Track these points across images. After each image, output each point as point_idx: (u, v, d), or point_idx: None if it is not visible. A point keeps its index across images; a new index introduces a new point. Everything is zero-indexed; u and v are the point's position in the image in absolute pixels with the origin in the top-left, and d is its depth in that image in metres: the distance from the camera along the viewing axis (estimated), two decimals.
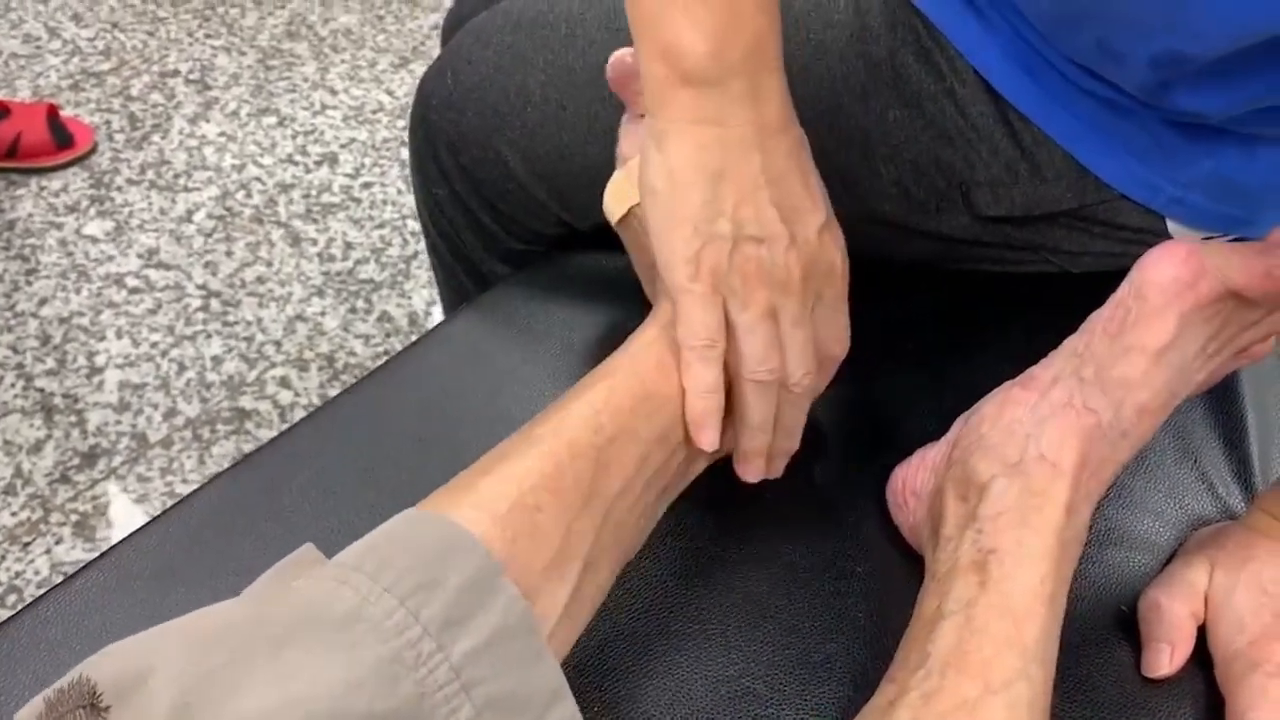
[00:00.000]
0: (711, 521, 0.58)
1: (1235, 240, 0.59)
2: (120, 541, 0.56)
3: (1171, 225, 0.62)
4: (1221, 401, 0.68)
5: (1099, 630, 0.56)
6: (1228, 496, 0.63)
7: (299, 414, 1.27)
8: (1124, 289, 0.52)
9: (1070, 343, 0.53)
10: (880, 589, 0.56)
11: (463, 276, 0.82)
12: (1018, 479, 0.50)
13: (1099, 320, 0.52)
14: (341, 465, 0.60)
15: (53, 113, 1.53)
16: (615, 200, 0.58)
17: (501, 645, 0.39)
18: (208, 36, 1.79)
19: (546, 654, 0.40)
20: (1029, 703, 0.43)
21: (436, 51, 1.69)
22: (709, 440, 0.50)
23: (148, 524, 0.57)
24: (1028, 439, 0.51)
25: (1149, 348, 0.50)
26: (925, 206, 0.64)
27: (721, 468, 0.54)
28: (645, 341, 0.52)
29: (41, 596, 0.54)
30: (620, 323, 0.65)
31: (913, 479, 0.57)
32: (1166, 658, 0.54)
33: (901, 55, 0.61)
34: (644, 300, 0.59)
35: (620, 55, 0.56)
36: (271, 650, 0.36)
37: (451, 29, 0.89)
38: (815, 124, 0.60)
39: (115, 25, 1.79)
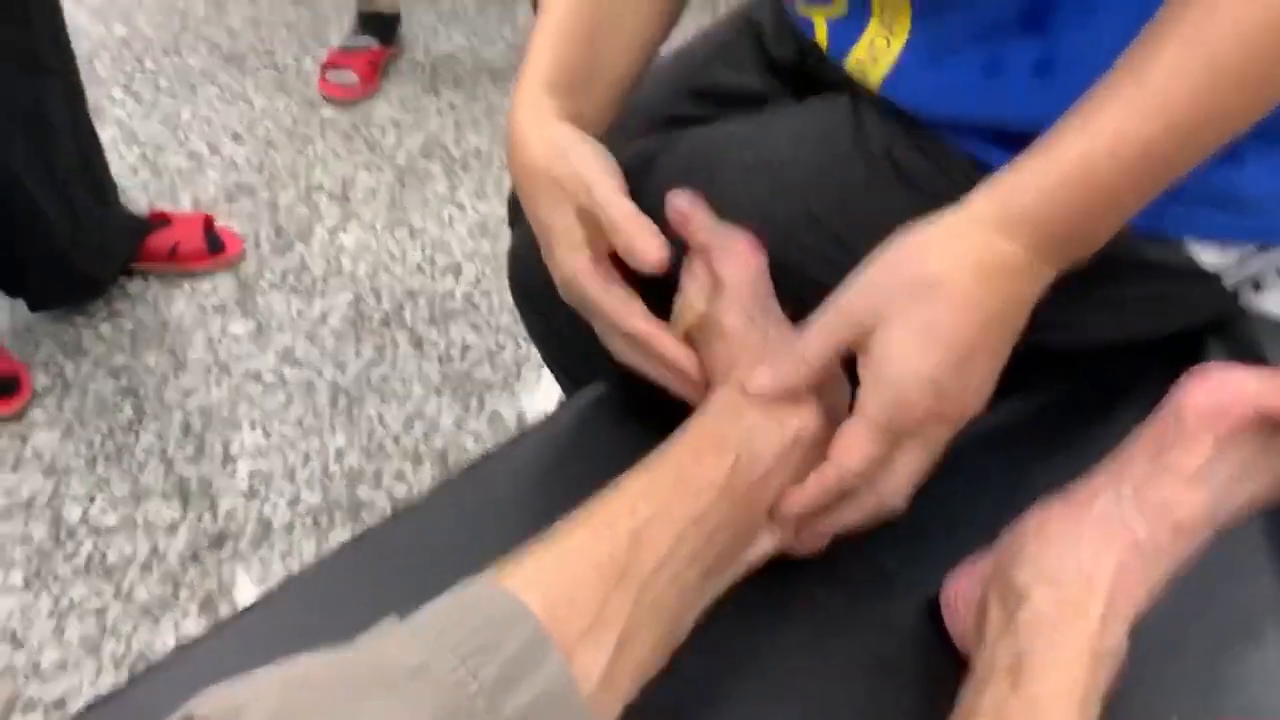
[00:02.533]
0: (761, 609, 0.62)
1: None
2: (238, 613, 0.63)
3: (1193, 247, 0.65)
4: None
5: None
6: None
7: None
8: (1163, 409, 0.54)
9: (1111, 461, 0.56)
10: (927, 688, 0.58)
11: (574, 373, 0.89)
12: (1054, 589, 0.52)
13: (1138, 441, 0.55)
14: (443, 548, 0.66)
15: (208, 223, 1.68)
16: (675, 324, 0.65)
17: (547, 705, 0.44)
18: (351, 154, 1.94)
19: (585, 715, 0.45)
20: None
21: None
22: None
23: (261, 599, 0.63)
24: (1067, 552, 0.53)
25: (1185, 469, 0.52)
26: None
27: (775, 560, 0.58)
28: (684, 437, 0.57)
29: (164, 658, 0.60)
30: None
31: (964, 588, 0.60)
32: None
33: (899, 148, 0.67)
34: None
35: (673, 199, 0.63)
36: (351, 695, 0.42)
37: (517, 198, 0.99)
38: (832, 217, 0.66)
39: (270, 144, 1.95)
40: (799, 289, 0.71)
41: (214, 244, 1.68)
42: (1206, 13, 0.49)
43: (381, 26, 2.14)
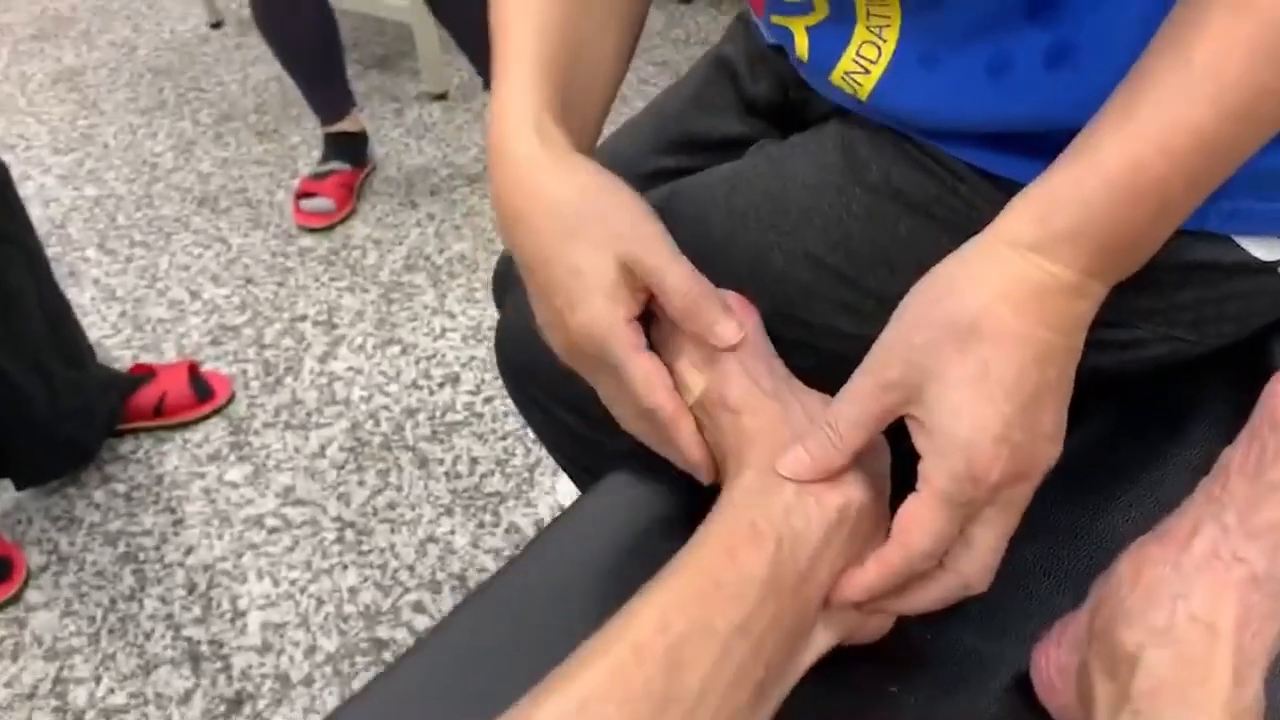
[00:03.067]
0: (836, 702, 0.53)
1: None
2: None
3: (1245, 241, 0.57)
4: None
5: None
6: None
7: None
8: (1255, 422, 0.46)
9: (1205, 487, 0.48)
10: None
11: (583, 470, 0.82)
12: (1170, 647, 0.44)
13: (1234, 458, 0.47)
14: (468, 678, 0.58)
15: (194, 370, 1.62)
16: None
17: None
18: (333, 279, 1.89)
19: None
20: None
21: None
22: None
23: None
24: (1175, 600, 0.45)
25: None
26: None
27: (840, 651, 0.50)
28: (712, 530, 0.49)
29: None
30: None
31: (1056, 657, 0.51)
32: None
33: (895, 171, 0.60)
34: None
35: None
36: None
37: (502, 274, 0.92)
38: (832, 257, 0.59)
39: (249, 281, 1.91)
40: (807, 335, 0.63)
41: (202, 391, 1.61)
42: None
43: (350, 148, 2.10)
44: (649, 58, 2.44)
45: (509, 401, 1.58)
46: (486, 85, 2.11)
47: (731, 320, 0.54)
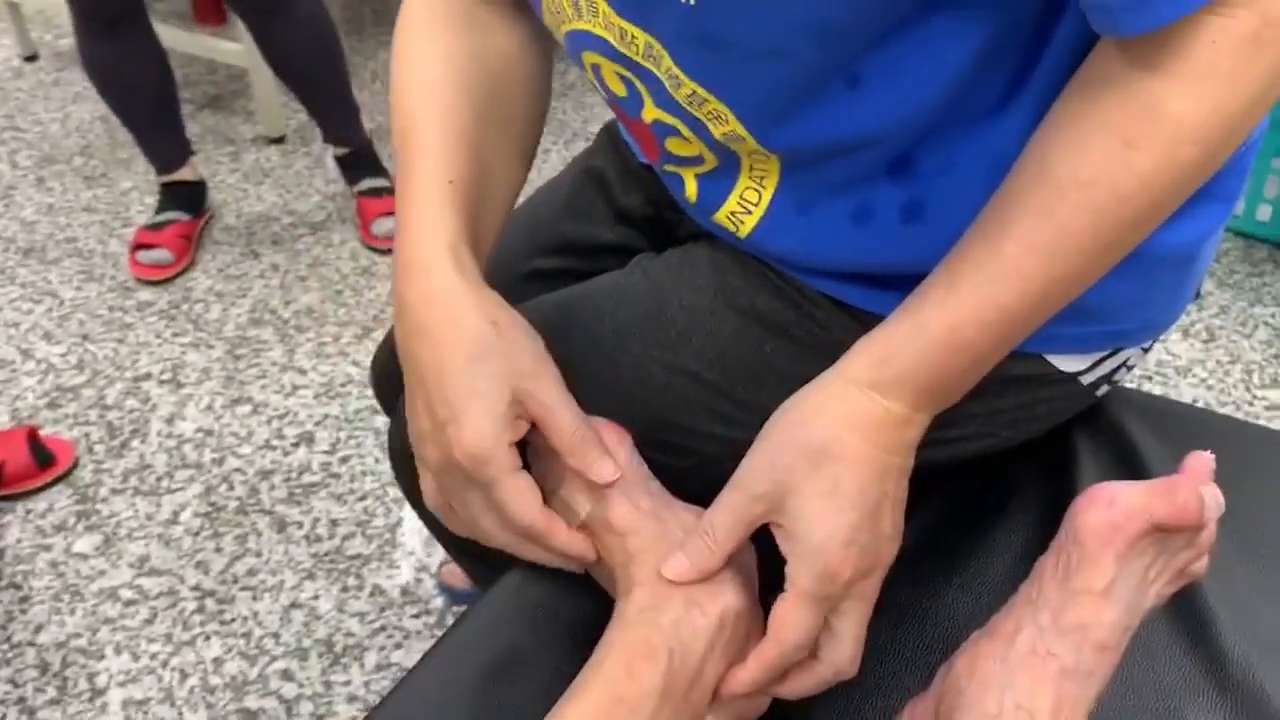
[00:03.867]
0: None
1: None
2: None
3: (1053, 358, 0.69)
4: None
5: None
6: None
7: (304, 706, 1.27)
8: (1062, 536, 0.56)
9: (1024, 590, 0.57)
10: None
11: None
12: None
13: (1045, 566, 0.56)
14: None
15: (33, 435, 1.58)
16: None
17: None
18: (175, 335, 1.86)
19: None
20: None
21: None
22: None
23: None
24: (1003, 691, 0.54)
25: (1095, 589, 0.54)
26: None
27: None
28: (610, 650, 0.56)
29: None
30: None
31: None
32: None
33: (761, 297, 0.70)
34: None
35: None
36: None
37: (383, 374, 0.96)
38: (708, 373, 0.67)
39: (86, 337, 1.86)
40: (687, 439, 0.71)
41: (42, 458, 1.57)
42: (1057, 194, 0.52)
43: (188, 197, 2.07)
44: None
45: (366, 460, 1.61)
46: (326, 137, 2.11)
47: (608, 461, 0.61)
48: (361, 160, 2.10)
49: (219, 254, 2.06)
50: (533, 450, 0.65)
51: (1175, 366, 1.69)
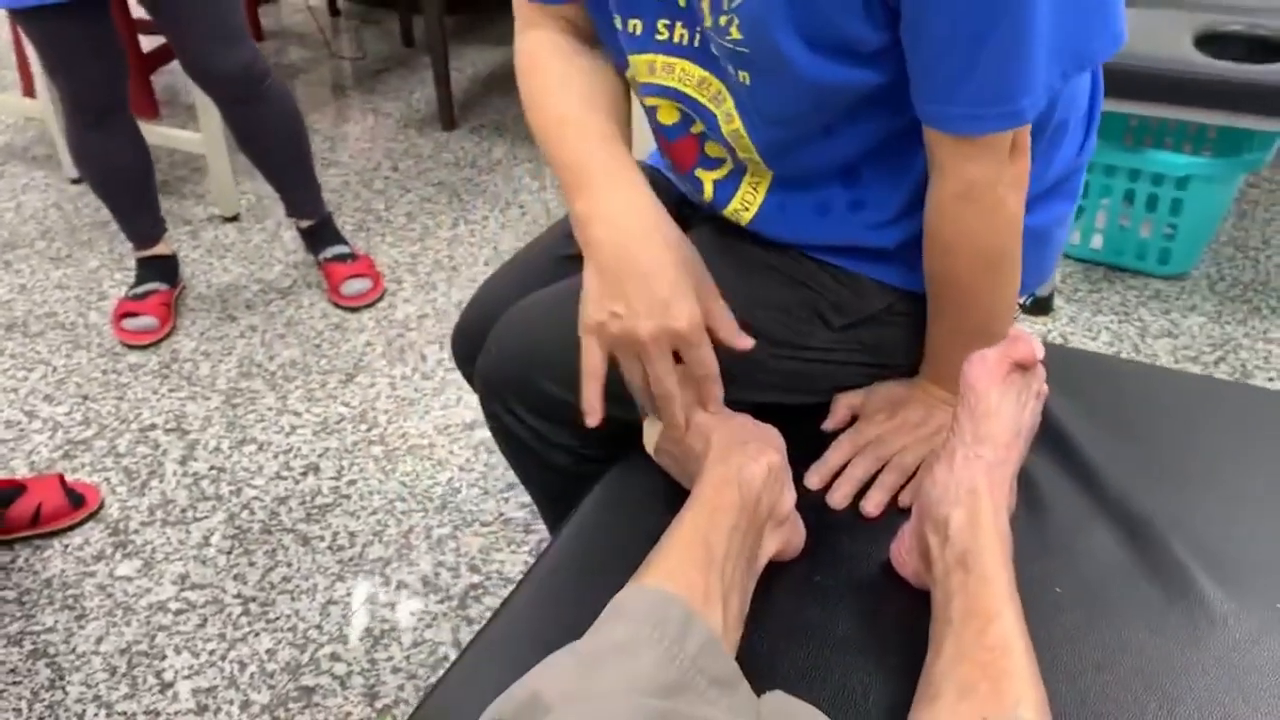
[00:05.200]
0: (784, 594, 0.88)
1: None
2: None
3: None
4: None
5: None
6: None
7: (355, 680, 1.48)
8: (962, 389, 0.88)
9: (953, 429, 0.88)
10: (904, 615, 0.86)
11: (549, 480, 1.14)
12: (961, 509, 0.83)
13: (960, 410, 0.89)
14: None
15: (62, 480, 1.75)
16: (649, 441, 0.96)
17: (708, 648, 0.70)
18: (171, 391, 2.05)
19: (728, 655, 0.71)
20: (1017, 622, 0.75)
21: (376, 364, 2.02)
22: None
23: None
24: (956, 485, 0.84)
25: (989, 411, 0.86)
26: (799, 330, 1.01)
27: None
28: (705, 481, 0.86)
29: None
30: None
31: (901, 545, 0.90)
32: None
33: (754, 251, 1.03)
34: None
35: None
36: (597, 664, 0.67)
37: (481, 308, 1.23)
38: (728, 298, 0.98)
39: (85, 397, 2.03)
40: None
41: (74, 499, 1.74)
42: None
43: (164, 269, 2.27)
44: (426, 179, 2.76)
45: (370, 482, 1.83)
46: (290, 211, 2.34)
47: (747, 338, 0.93)
48: (325, 231, 2.34)
49: (198, 319, 2.25)
50: (635, 387, 0.93)
51: None
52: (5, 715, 1.45)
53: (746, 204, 1.00)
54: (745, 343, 0.91)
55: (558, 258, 1.16)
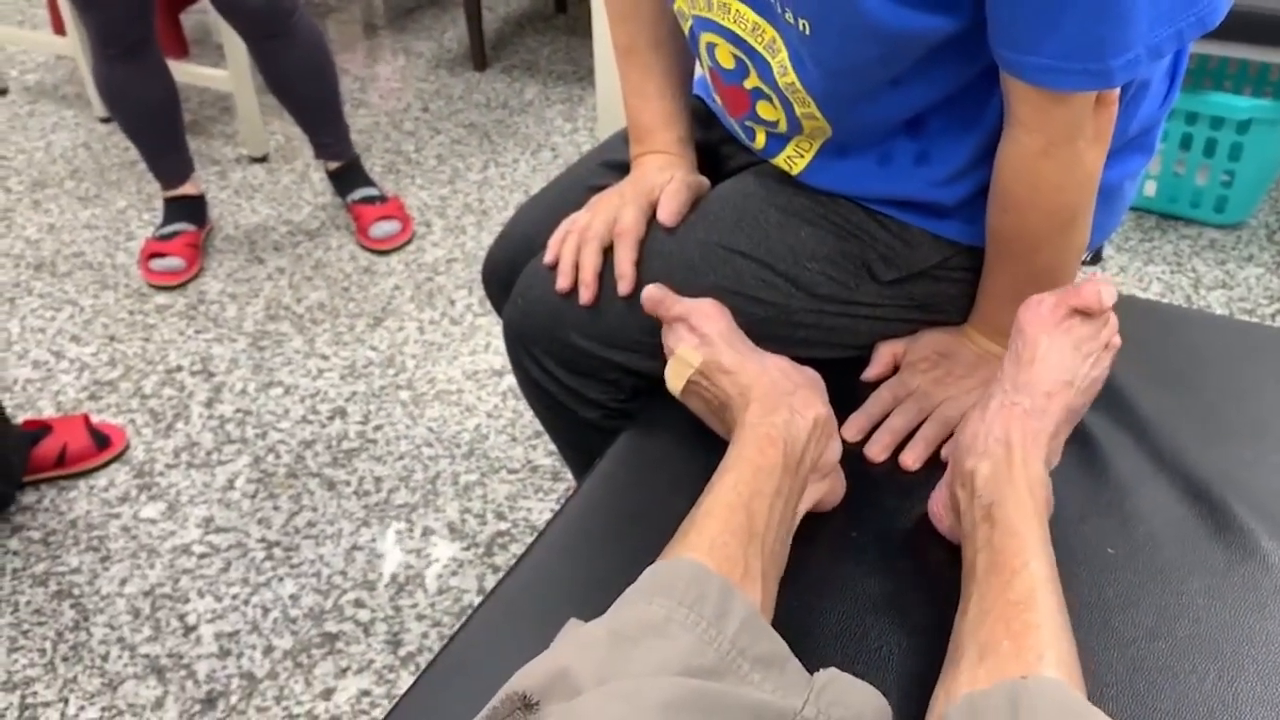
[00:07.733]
0: (822, 547, 0.84)
1: None
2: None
3: None
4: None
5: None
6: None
7: (379, 627, 1.46)
8: (1013, 332, 0.82)
9: (996, 372, 0.83)
10: (928, 563, 0.82)
11: (576, 433, 1.10)
12: (988, 460, 0.77)
13: (1006, 358, 0.82)
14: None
15: (87, 421, 1.73)
16: (675, 379, 0.88)
17: (749, 625, 0.65)
18: (198, 332, 2.03)
19: (773, 631, 0.66)
20: (1046, 574, 0.70)
21: (404, 308, 1.98)
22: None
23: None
24: (987, 434, 0.79)
25: (1035, 358, 0.80)
26: (846, 284, 0.95)
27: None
28: (744, 439, 0.80)
29: None
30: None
31: (939, 499, 0.85)
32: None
33: (798, 200, 0.97)
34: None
35: (646, 291, 0.89)
36: (631, 643, 0.61)
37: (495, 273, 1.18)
38: (756, 251, 0.96)
39: (112, 338, 2.01)
40: (742, 304, 0.95)
41: (100, 440, 1.73)
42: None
43: (192, 209, 2.24)
44: (457, 120, 2.70)
45: (398, 427, 1.80)
46: (319, 153, 2.30)
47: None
48: (353, 172, 2.30)
49: (225, 261, 2.23)
50: (664, 327, 0.88)
51: None
52: (30, 655, 1.44)
53: (800, 152, 0.95)
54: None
55: (591, 188, 1.10)
